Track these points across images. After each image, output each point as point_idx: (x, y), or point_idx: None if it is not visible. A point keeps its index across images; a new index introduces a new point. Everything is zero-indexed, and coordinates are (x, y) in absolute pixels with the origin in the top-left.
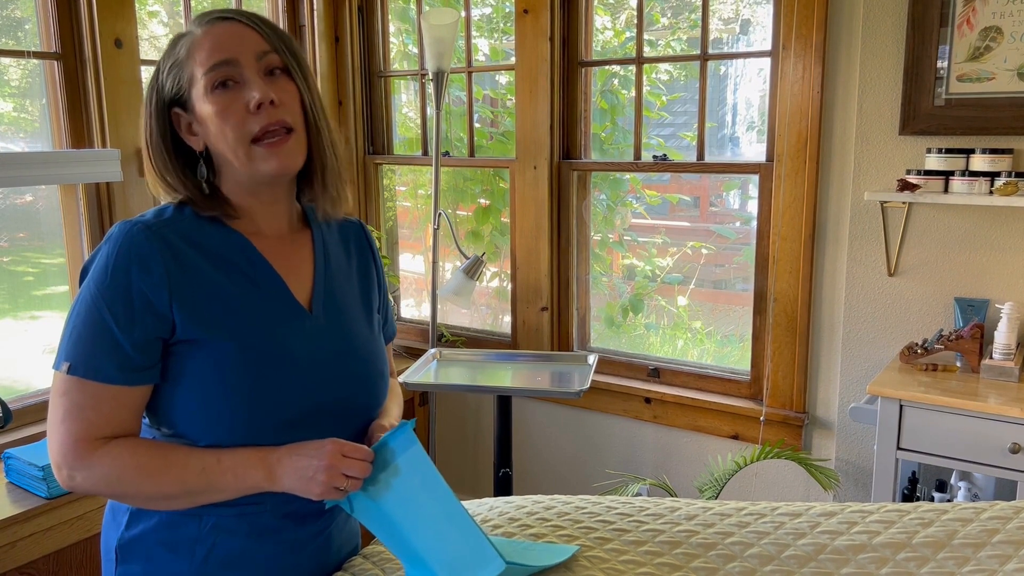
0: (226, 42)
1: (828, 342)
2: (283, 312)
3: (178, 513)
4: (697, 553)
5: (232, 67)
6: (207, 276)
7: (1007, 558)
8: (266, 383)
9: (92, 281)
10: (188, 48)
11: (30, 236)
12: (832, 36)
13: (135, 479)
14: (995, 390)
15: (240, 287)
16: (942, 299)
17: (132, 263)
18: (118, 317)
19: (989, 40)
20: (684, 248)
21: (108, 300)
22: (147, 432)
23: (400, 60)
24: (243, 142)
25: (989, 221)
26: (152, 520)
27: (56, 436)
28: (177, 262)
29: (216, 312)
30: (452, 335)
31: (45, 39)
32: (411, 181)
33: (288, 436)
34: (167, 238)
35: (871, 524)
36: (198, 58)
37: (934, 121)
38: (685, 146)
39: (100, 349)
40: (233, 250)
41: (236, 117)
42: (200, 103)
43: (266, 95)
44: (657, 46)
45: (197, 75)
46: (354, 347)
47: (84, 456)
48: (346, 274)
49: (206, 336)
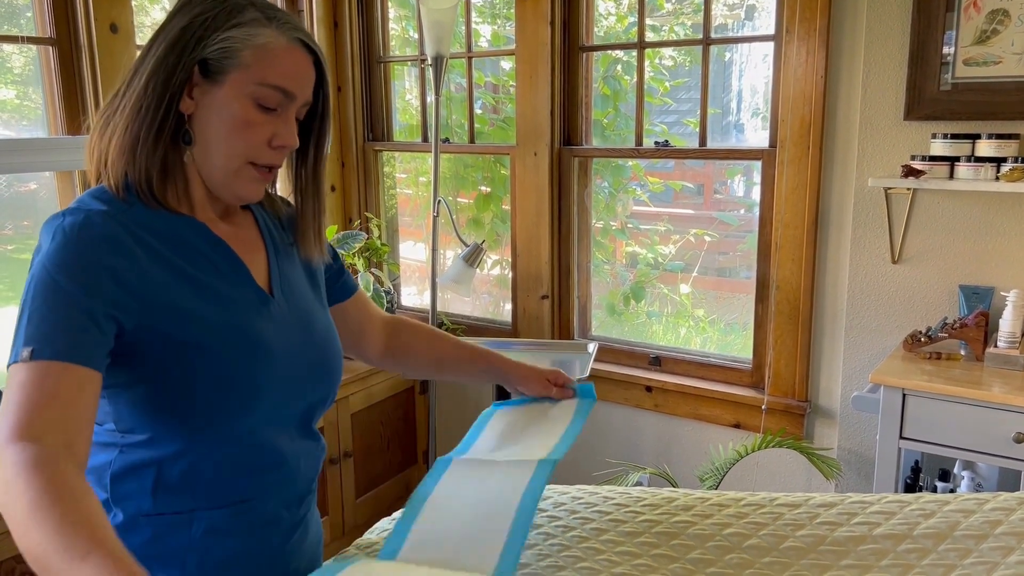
0: (296, 75)
1: (831, 330)
2: (250, 298)
3: (165, 523)
4: (694, 544)
5: (287, 100)
6: (174, 264)
7: (1010, 550)
8: (244, 373)
9: (48, 263)
10: (258, 44)
11: (34, 224)
12: (836, 20)
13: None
14: (1000, 379)
15: (207, 275)
16: (946, 287)
17: (99, 244)
18: (86, 286)
19: (996, 23)
20: (687, 236)
21: (69, 272)
22: (108, 444)
23: (401, 46)
24: (243, 159)
25: (995, 207)
26: (141, 536)
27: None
28: (143, 248)
29: (188, 303)
30: (452, 323)
31: (40, 24)
32: (413, 168)
33: (253, 427)
34: (127, 225)
35: (871, 515)
36: (265, 65)
37: (940, 106)
38: (689, 133)
39: (66, 325)
40: (192, 235)
41: (255, 139)
42: (232, 96)
43: (295, 145)
44: (661, 32)
45: (252, 76)
46: (314, 329)
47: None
48: (288, 252)
49: (177, 328)
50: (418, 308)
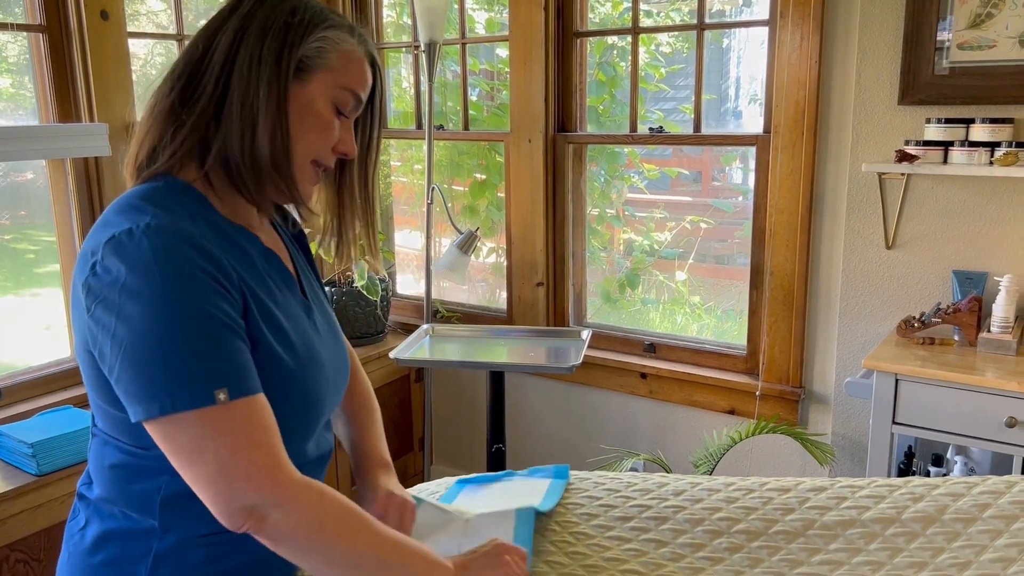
0: (365, 84)
1: (825, 316)
2: (300, 310)
3: (220, 542)
4: (684, 529)
5: (357, 106)
6: (246, 278)
7: (998, 533)
8: (312, 389)
9: (159, 295)
10: (345, 49)
11: (31, 214)
12: (830, 4)
13: (345, 528)
14: (992, 364)
15: (268, 288)
16: (940, 272)
17: (192, 250)
18: (221, 308)
19: (990, 6)
20: (683, 222)
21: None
22: (156, 469)
23: (396, 33)
24: (312, 158)
25: (988, 192)
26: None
27: (238, 471)
28: (227, 255)
29: (265, 313)
30: (448, 311)
31: (31, 11)
32: (409, 156)
33: (305, 440)
34: (203, 230)
35: (861, 499)
36: (348, 70)
37: (934, 90)
38: (686, 120)
39: (232, 356)
40: (247, 246)
41: (328, 140)
42: (317, 94)
43: (354, 153)
44: (658, 17)
45: (336, 79)
46: (338, 333)
47: (286, 489)
48: (297, 252)
49: (264, 348)
50: (414, 296)
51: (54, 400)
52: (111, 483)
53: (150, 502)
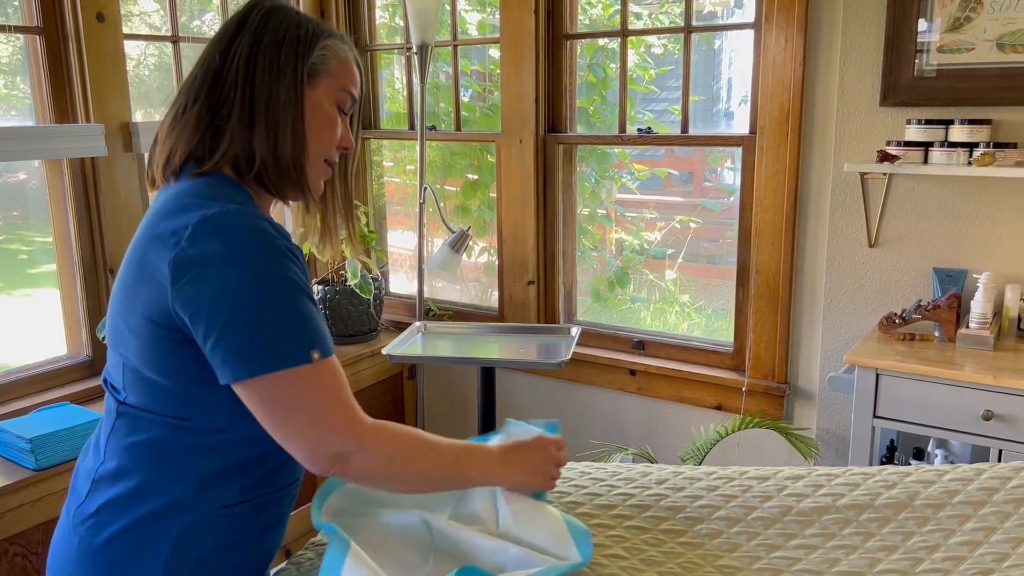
0: (358, 84)
1: (809, 313)
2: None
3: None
4: (666, 516)
5: (353, 105)
6: None
7: (966, 518)
8: None
9: (259, 266)
10: (342, 56)
11: (24, 214)
12: (814, 7)
13: (413, 458)
14: (971, 359)
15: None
16: (921, 269)
17: (273, 229)
18: (303, 281)
19: (969, 11)
20: (672, 222)
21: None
22: (191, 442)
23: (389, 34)
24: (323, 155)
25: (967, 192)
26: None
27: (326, 423)
28: None
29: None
30: (440, 309)
31: (27, 13)
32: (401, 157)
33: None
34: None
35: (836, 487)
36: (345, 73)
37: (915, 92)
38: (677, 121)
39: (317, 321)
40: None
41: (335, 138)
42: (323, 97)
43: (354, 146)
44: (648, 19)
45: (337, 83)
46: None
47: (365, 436)
48: None
49: None
50: (407, 295)
51: (51, 397)
52: (140, 459)
53: (188, 474)
